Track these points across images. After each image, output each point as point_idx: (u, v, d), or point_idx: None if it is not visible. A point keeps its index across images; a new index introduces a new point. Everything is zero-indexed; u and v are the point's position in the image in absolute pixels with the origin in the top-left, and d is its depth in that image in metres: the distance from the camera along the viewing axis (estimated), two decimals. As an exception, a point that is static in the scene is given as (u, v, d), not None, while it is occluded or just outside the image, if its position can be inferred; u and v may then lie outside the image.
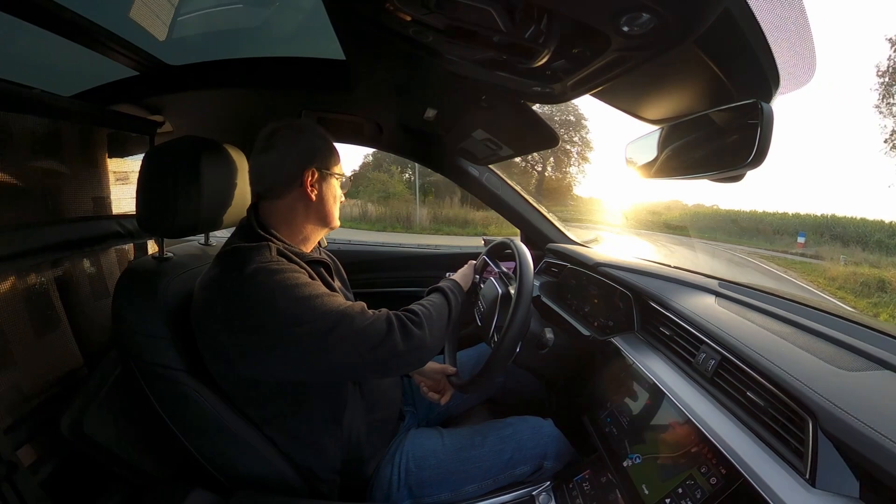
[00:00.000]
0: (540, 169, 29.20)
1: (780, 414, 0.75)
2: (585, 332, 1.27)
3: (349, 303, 0.84)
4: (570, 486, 1.02)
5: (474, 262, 1.32)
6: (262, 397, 0.87)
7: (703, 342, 0.96)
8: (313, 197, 0.93)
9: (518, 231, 1.99)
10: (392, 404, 1.14)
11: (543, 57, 0.54)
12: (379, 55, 0.97)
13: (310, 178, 0.92)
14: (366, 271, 2.00)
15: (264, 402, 0.88)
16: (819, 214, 22.08)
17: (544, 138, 1.14)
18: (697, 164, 0.74)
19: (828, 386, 0.73)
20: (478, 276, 1.32)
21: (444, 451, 1.04)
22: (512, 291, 1.08)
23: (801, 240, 19.54)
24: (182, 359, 0.87)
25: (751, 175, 0.68)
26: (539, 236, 1.93)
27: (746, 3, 0.46)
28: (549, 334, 1.18)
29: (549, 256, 1.84)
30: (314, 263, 0.93)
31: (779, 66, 0.55)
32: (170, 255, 1.00)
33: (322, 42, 1.13)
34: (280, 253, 0.84)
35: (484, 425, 1.12)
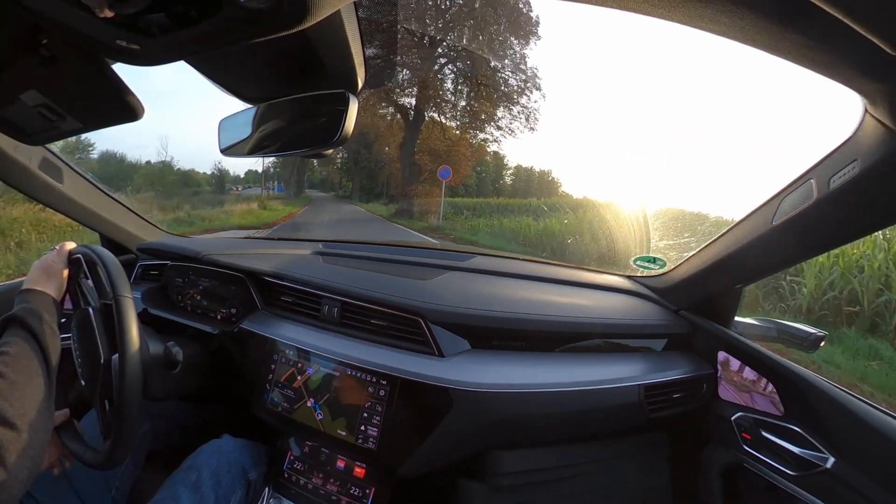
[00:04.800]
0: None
1: (401, 324, 1.02)
2: (211, 329, 1.20)
3: None
4: (286, 475, 1.03)
5: (64, 245, 0.90)
6: None
7: (322, 297, 1.13)
8: None
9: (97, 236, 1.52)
10: None
11: (139, 3, 0.44)
12: None
13: None
14: None
15: None
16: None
17: (126, 109, 0.92)
18: (290, 143, 0.82)
19: (421, 293, 1.07)
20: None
21: None
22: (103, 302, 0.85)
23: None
24: None
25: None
26: (126, 237, 1.55)
27: (355, 11, 0.54)
28: (174, 349, 1.02)
29: (143, 259, 1.53)
30: None
31: (367, 67, 0.69)
32: None
33: None
34: None
35: (167, 486, 0.91)
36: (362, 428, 0.94)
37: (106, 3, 0.44)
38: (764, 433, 1.00)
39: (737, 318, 1.15)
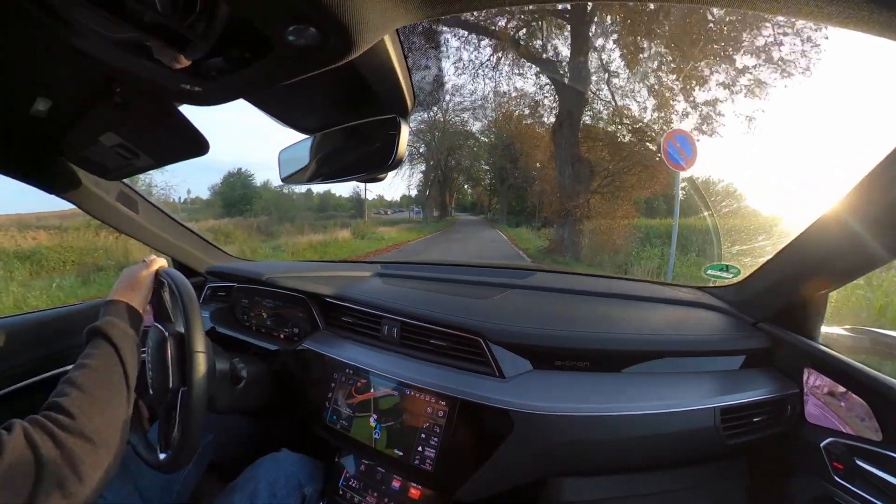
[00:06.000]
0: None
1: (461, 344, 1.01)
2: (274, 347, 1.25)
3: None
4: (341, 492, 1.04)
5: (154, 261, 0.96)
6: None
7: (382, 317, 1.14)
8: None
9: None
10: None
11: (199, 51, 0.48)
12: None
13: None
14: None
15: None
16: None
17: (193, 145, 0.98)
18: (346, 168, 0.85)
19: (479, 312, 1.06)
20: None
21: None
22: (179, 329, 0.90)
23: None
24: None
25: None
26: (195, 260, 1.69)
27: (398, 38, 0.56)
28: (239, 365, 1.09)
29: (211, 281, 1.65)
30: None
31: (415, 90, 0.71)
32: None
33: None
34: None
35: (225, 495, 0.94)
36: (419, 448, 0.93)
37: (176, 56, 0.48)
38: (859, 462, 0.87)
39: (823, 329, 1.02)
